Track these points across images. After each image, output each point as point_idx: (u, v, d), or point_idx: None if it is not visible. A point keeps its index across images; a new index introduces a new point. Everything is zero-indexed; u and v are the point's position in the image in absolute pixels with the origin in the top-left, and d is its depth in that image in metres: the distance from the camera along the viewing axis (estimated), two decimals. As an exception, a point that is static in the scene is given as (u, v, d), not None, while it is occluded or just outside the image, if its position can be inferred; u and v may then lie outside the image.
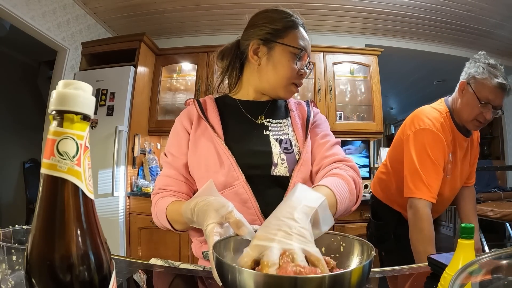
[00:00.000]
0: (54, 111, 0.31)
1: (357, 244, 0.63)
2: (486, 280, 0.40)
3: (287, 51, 0.93)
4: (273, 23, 0.95)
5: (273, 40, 0.93)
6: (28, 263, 0.30)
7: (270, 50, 0.94)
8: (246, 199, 0.87)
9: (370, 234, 1.75)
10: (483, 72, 1.37)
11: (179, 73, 3.44)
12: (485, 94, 1.36)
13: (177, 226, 0.88)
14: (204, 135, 0.93)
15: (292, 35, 0.94)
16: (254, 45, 0.96)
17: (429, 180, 1.34)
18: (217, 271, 0.53)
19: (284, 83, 0.95)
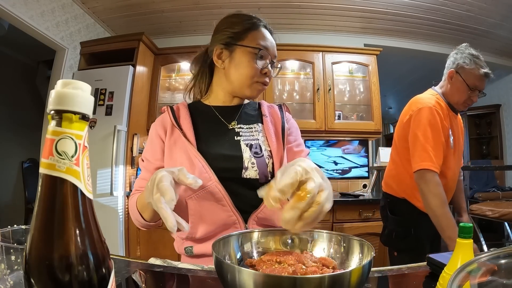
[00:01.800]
0: (52, 111, 0.31)
1: (357, 244, 0.63)
2: (485, 280, 0.40)
3: (247, 51, 0.97)
4: (233, 27, 1.01)
5: (233, 43, 0.98)
6: (27, 263, 0.30)
7: (231, 53, 0.99)
8: (221, 197, 0.90)
9: (389, 232, 1.74)
10: (471, 63, 1.59)
11: (178, 72, 3.43)
12: (473, 82, 1.59)
13: (145, 215, 0.90)
14: (177, 142, 0.96)
15: (251, 36, 0.99)
16: (217, 50, 1.01)
17: (434, 151, 1.49)
18: (217, 271, 0.53)
19: (248, 82, 0.98)
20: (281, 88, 3.29)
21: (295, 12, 3.29)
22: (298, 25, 3.52)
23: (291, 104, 3.25)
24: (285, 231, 0.72)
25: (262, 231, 0.71)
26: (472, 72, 1.58)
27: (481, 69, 1.58)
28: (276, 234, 0.71)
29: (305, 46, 3.23)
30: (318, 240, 0.70)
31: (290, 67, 3.31)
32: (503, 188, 4.11)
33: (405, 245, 1.67)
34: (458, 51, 1.66)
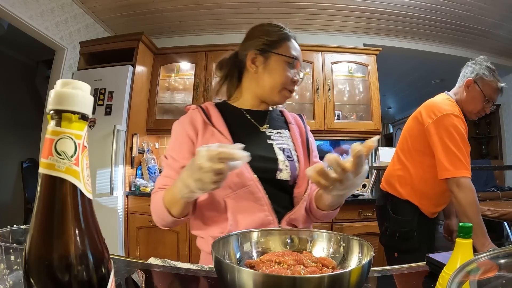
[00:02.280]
0: (52, 111, 0.31)
1: (356, 244, 0.63)
2: (484, 279, 0.40)
3: (282, 60, 1.02)
4: (268, 35, 1.04)
5: (269, 50, 1.03)
6: (26, 263, 0.30)
7: (266, 59, 1.03)
8: (260, 197, 0.94)
9: (391, 232, 1.73)
10: (490, 75, 1.64)
11: (178, 72, 3.43)
12: (490, 93, 1.65)
13: (174, 209, 0.88)
14: (211, 141, 0.97)
15: (285, 46, 1.03)
16: (252, 55, 1.04)
17: (465, 158, 1.52)
18: (216, 270, 0.53)
19: (279, 89, 1.03)
20: (281, 88, 3.29)
21: (295, 12, 3.29)
22: (298, 25, 3.52)
23: (291, 104, 3.25)
24: (285, 231, 0.72)
25: (261, 231, 0.71)
26: (490, 84, 1.64)
27: (499, 83, 1.65)
28: (276, 234, 0.71)
29: (304, 46, 3.21)
30: (317, 240, 0.70)
31: (290, 67, 3.30)
32: (502, 188, 4.12)
33: (406, 246, 1.67)
34: (476, 62, 1.70)
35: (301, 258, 0.59)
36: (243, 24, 3.53)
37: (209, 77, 3.20)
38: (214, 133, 0.98)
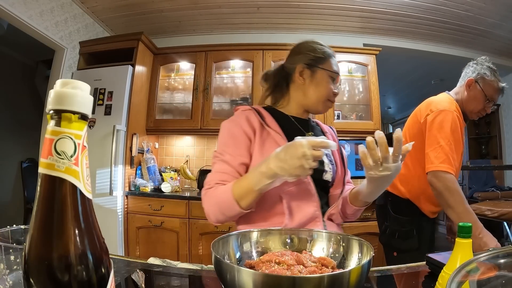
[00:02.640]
0: (52, 111, 0.31)
1: (356, 244, 0.63)
2: (484, 279, 0.40)
3: (326, 74, 1.14)
4: (315, 51, 1.17)
5: (316, 65, 1.15)
6: (26, 263, 0.30)
7: (313, 73, 1.15)
8: (312, 195, 1.06)
9: (391, 232, 1.73)
10: (491, 75, 1.64)
11: (177, 72, 3.43)
12: (491, 93, 1.64)
13: (244, 202, 0.93)
14: (266, 142, 1.07)
15: (329, 62, 1.16)
16: (300, 68, 1.16)
17: (452, 155, 1.49)
18: (216, 270, 0.53)
19: (323, 100, 1.15)
20: (281, 87, 3.29)
21: (294, 12, 3.29)
22: (297, 24, 3.52)
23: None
24: (285, 231, 0.72)
25: (261, 231, 0.71)
26: (492, 84, 1.64)
27: (500, 83, 1.65)
28: (275, 234, 0.71)
29: (304, 45, 3.23)
30: (317, 239, 0.70)
31: (290, 66, 3.30)
32: (502, 188, 4.12)
33: (406, 246, 1.67)
34: (478, 62, 1.70)
35: (300, 258, 0.59)
36: (243, 24, 3.53)
37: (208, 76, 3.20)
38: (271, 134, 1.07)
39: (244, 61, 3.28)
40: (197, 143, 3.52)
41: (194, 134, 3.42)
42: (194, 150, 3.52)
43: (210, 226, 2.64)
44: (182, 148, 3.54)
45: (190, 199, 2.71)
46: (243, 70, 3.34)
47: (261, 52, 3.18)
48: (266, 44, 3.22)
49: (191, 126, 3.16)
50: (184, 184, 3.42)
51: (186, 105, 3.30)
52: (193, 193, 2.93)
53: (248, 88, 3.27)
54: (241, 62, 3.31)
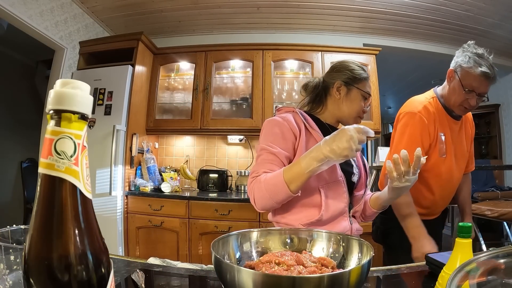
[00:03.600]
0: (51, 111, 0.31)
1: (356, 244, 0.63)
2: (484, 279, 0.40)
3: (360, 93, 1.29)
4: (353, 72, 1.31)
5: (352, 84, 1.29)
6: (26, 263, 0.30)
7: (349, 91, 1.29)
8: (344, 191, 1.21)
9: (375, 229, 1.76)
10: (469, 61, 1.44)
11: (177, 72, 3.43)
12: (469, 82, 1.44)
13: (293, 185, 1.02)
14: (311, 139, 1.21)
15: (364, 83, 1.30)
16: (338, 84, 1.30)
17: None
18: (216, 270, 0.53)
19: (354, 116, 1.30)
20: (280, 87, 3.29)
21: (294, 12, 3.29)
22: (297, 24, 3.52)
23: (290, 104, 3.25)
24: (285, 230, 0.72)
25: (261, 231, 0.71)
26: (469, 71, 1.43)
27: (479, 67, 1.40)
28: (275, 234, 0.71)
29: (304, 45, 3.23)
30: (317, 239, 0.70)
31: (289, 66, 3.31)
32: (502, 188, 4.12)
33: (389, 242, 1.68)
34: (462, 50, 1.52)
35: (300, 258, 0.59)
36: (243, 24, 3.54)
37: (208, 76, 3.20)
38: (313, 135, 1.20)
39: (244, 61, 3.28)
40: (197, 143, 3.52)
41: (194, 134, 3.42)
42: (194, 150, 3.52)
43: (210, 226, 2.64)
44: (182, 148, 3.54)
45: (190, 199, 2.71)
46: (243, 70, 3.34)
47: (261, 52, 3.18)
48: (266, 44, 3.22)
49: (191, 126, 3.16)
50: (184, 184, 3.42)
51: (186, 105, 3.30)
52: (193, 193, 2.93)
53: (248, 88, 3.26)
54: (241, 62, 3.31)
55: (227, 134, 3.37)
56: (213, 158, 3.48)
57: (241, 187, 3.16)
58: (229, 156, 3.47)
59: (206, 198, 2.70)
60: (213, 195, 2.81)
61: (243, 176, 3.18)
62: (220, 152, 3.49)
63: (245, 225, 2.58)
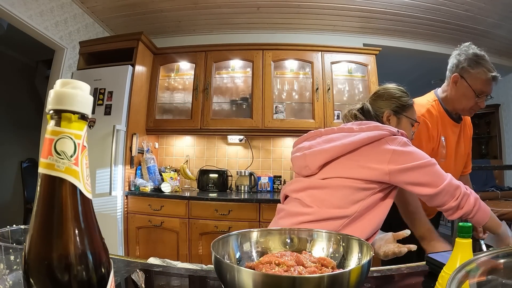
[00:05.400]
0: (51, 111, 0.31)
1: (356, 244, 0.63)
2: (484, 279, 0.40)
3: (409, 121, 1.32)
4: (400, 100, 1.33)
5: (401, 113, 1.31)
6: (26, 263, 0.30)
7: (399, 120, 1.31)
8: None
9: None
10: (476, 65, 1.44)
11: (177, 72, 3.43)
12: (480, 87, 1.46)
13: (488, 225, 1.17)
14: None
15: (412, 110, 1.34)
16: (387, 114, 1.31)
17: None
18: (216, 270, 0.53)
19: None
20: (280, 87, 3.29)
21: (294, 12, 3.29)
22: (297, 24, 3.52)
23: (290, 104, 3.25)
24: (285, 230, 0.72)
25: (261, 231, 0.71)
26: (479, 76, 1.44)
27: (489, 72, 1.42)
28: (275, 234, 0.71)
29: (304, 45, 3.23)
30: (317, 239, 0.70)
31: (289, 66, 3.31)
32: (502, 188, 4.12)
33: None
34: (460, 52, 1.51)
35: (300, 259, 0.59)
36: (243, 24, 3.54)
37: (208, 76, 3.20)
38: None
39: (244, 61, 3.28)
40: (197, 143, 3.52)
41: (194, 134, 3.42)
42: (194, 150, 3.52)
43: (210, 226, 2.64)
44: (182, 148, 3.54)
45: (190, 199, 2.71)
46: (243, 70, 3.34)
47: (261, 52, 3.18)
48: (266, 44, 3.22)
49: (191, 126, 3.16)
50: (184, 184, 3.42)
51: (186, 105, 3.30)
52: (193, 193, 2.93)
53: (248, 88, 3.27)
54: (241, 62, 3.31)
55: (227, 134, 3.37)
56: (213, 158, 3.48)
57: (241, 187, 3.16)
58: (229, 156, 3.47)
59: (206, 198, 2.70)
60: (213, 195, 2.81)
61: (243, 176, 3.18)
62: (220, 152, 3.49)
63: (245, 225, 2.58)
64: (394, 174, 1.06)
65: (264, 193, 3.09)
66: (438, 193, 1.07)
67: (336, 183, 1.10)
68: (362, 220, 1.09)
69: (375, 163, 1.07)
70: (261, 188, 3.17)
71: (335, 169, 1.13)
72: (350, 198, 1.08)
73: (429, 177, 1.07)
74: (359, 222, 1.09)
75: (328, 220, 1.08)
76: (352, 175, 1.09)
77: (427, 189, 1.07)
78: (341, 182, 1.10)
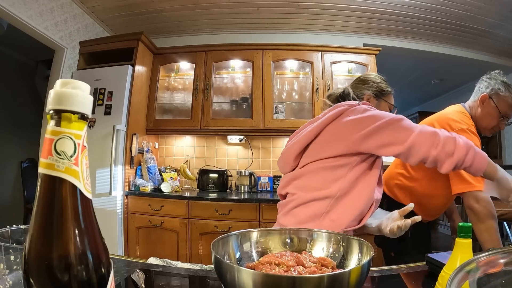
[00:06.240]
0: (51, 111, 0.31)
1: (356, 244, 0.63)
2: (484, 279, 0.40)
3: (387, 106, 1.38)
4: (380, 85, 1.39)
5: (381, 96, 1.38)
6: (26, 263, 0.30)
7: (378, 102, 1.37)
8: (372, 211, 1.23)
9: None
10: (506, 90, 1.60)
11: (177, 72, 3.43)
12: (505, 109, 1.61)
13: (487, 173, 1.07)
14: None
15: (390, 97, 1.41)
16: (367, 95, 1.37)
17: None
18: (216, 270, 0.53)
19: None
20: (280, 87, 3.29)
21: (294, 12, 3.29)
22: (297, 24, 3.52)
23: (290, 104, 3.25)
24: (285, 230, 0.72)
25: (261, 231, 0.71)
26: (506, 99, 1.60)
27: None
28: (275, 234, 0.71)
29: (304, 45, 3.23)
30: (317, 239, 0.70)
31: (289, 66, 3.31)
32: (502, 188, 4.11)
33: (402, 247, 1.67)
34: (491, 77, 1.66)
35: (300, 259, 0.59)
36: (243, 24, 3.53)
37: (208, 76, 3.20)
38: None
39: (244, 61, 3.28)
40: (197, 143, 3.52)
41: (194, 134, 3.42)
42: (194, 150, 3.52)
43: (210, 226, 2.64)
44: (182, 148, 3.54)
45: (190, 199, 2.71)
46: (243, 70, 3.34)
47: (261, 52, 3.18)
48: (266, 44, 3.22)
49: (191, 126, 3.16)
50: (184, 184, 3.42)
51: (186, 105, 3.30)
52: (193, 193, 2.93)
53: (248, 88, 3.27)
54: (241, 62, 3.31)
55: (227, 134, 3.37)
56: (213, 158, 3.48)
57: (241, 187, 3.16)
58: (229, 156, 3.47)
59: (206, 198, 2.70)
60: (213, 195, 2.81)
61: (243, 176, 3.18)
62: (220, 152, 3.49)
63: (245, 225, 2.58)
64: (360, 142, 1.09)
65: (264, 193, 3.09)
66: (410, 148, 1.03)
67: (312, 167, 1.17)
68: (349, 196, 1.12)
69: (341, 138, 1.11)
70: (261, 188, 3.17)
71: (308, 156, 1.20)
72: (329, 178, 1.12)
73: (393, 134, 1.05)
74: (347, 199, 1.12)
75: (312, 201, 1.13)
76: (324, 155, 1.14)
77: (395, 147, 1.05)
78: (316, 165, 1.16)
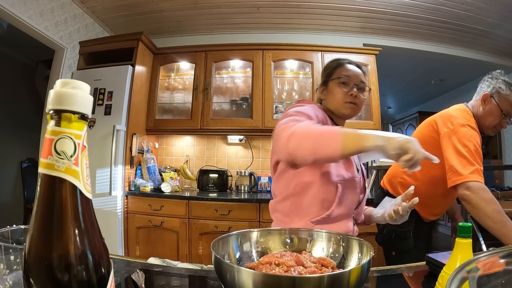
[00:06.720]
0: (51, 111, 0.31)
1: (356, 244, 0.63)
2: (484, 279, 0.40)
3: (335, 82, 1.28)
4: (326, 70, 1.36)
5: (327, 80, 1.32)
6: (26, 263, 0.30)
7: (327, 87, 1.32)
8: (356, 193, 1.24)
9: (389, 231, 1.73)
10: (507, 89, 1.61)
11: (177, 72, 3.43)
12: (507, 108, 1.62)
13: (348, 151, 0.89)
14: None
15: (337, 71, 1.31)
16: (320, 88, 1.36)
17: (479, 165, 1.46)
18: (216, 270, 0.53)
19: (341, 103, 1.26)
20: (280, 87, 3.29)
21: (294, 12, 3.29)
22: (297, 24, 3.52)
23: (290, 104, 3.25)
24: (285, 230, 0.72)
25: (261, 231, 0.71)
26: (507, 98, 1.61)
27: None
28: (275, 234, 0.71)
29: (304, 45, 3.23)
30: (317, 239, 0.70)
31: (289, 66, 3.31)
32: (502, 188, 4.11)
33: (404, 246, 1.68)
34: (493, 76, 1.67)
35: (300, 259, 0.59)
36: (243, 24, 3.53)
37: (208, 76, 3.20)
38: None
39: (244, 61, 3.28)
40: (197, 143, 3.52)
41: (194, 134, 3.42)
42: (194, 150, 3.52)
43: (210, 226, 2.64)
44: (182, 148, 3.54)
45: (190, 199, 2.71)
46: (243, 70, 3.34)
47: (261, 52, 3.18)
48: (266, 44, 3.22)
49: (191, 126, 3.16)
50: (184, 184, 3.42)
51: (186, 105, 3.30)
52: (193, 193, 2.93)
53: (248, 88, 3.27)
54: (241, 62, 3.31)
55: (227, 134, 3.37)
56: (213, 158, 3.48)
57: (241, 187, 3.16)
58: (229, 156, 3.47)
59: (206, 198, 2.70)
60: (213, 195, 2.81)
61: (243, 176, 3.18)
62: (220, 152, 3.49)
63: (245, 225, 2.58)
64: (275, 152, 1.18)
65: (264, 193, 3.09)
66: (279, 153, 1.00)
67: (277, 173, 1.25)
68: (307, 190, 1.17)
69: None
70: (261, 188, 3.17)
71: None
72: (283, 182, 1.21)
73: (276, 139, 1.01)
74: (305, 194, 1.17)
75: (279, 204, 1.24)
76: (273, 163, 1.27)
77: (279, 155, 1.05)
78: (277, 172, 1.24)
